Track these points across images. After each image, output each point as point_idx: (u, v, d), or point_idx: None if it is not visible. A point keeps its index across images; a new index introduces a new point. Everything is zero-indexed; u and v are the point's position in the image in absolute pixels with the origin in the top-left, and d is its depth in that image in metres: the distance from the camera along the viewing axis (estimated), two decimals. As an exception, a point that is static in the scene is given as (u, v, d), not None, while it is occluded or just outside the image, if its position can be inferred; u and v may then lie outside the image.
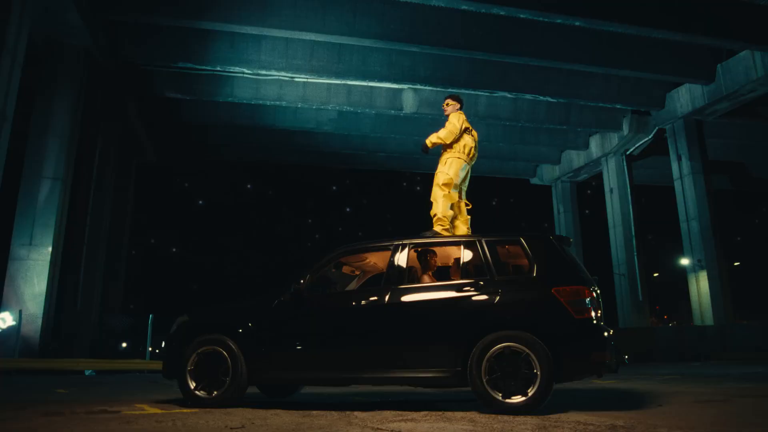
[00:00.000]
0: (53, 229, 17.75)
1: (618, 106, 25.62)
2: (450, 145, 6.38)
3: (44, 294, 17.19)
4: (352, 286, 6.29)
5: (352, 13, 19.43)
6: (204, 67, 21.84)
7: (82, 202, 21.85)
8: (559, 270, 5.00)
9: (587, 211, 36.17)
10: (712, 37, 20.80)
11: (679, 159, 25.24)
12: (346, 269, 6.16)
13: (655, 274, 39.70)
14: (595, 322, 4.83)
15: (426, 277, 5.52)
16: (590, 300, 4.84)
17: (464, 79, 22.36)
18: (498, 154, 31.13)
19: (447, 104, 6.66)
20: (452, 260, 5.77)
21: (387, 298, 5.07)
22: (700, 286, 23.68)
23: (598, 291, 5.07)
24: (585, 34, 20.98)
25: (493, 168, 33.20)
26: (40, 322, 17.00)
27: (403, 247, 5.32)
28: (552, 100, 24.54)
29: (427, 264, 5.61)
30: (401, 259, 5.25)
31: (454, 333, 4.87)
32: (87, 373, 14.96)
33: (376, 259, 6.00)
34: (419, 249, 5.55)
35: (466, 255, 5.26)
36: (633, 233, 27.49)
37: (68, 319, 19.94)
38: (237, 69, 21.71)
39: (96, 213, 21.95)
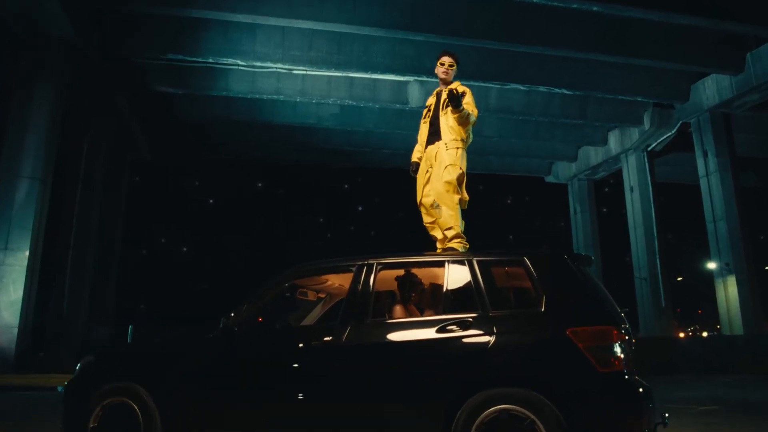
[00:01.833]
0: (31, 231, 16.60)
1: (639, 99, 24.04)
2: (464, 129, 4.66)
3: (20, 302, 16.05)
4: (315, 313, 4.90)
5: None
6: (196, 59, 20.67)
7: (68, 203, 20.75)
8: (577, 302, 3.58)
9: (604, 210, 34.43)
10: (741, 23, 19.39)
11: (705, 155, 23.58)
12: (309, 294, 4.80)
13: (679, 278, 37.91)
14: (626, 376, 3.41)
15: (400, 309, 4.12)
16: (620, 344, 3.42)
17: (473, 70, 20.92)
18: (510, 150, 29.59)
19: (450, 65, 4.76)
20: (434, 287, 4.35)
21: (344, 337, 3.70)
22: (729, 291, 22.04)
23: (629, 330, 3.65)
24: (603, 20, 19.57)
25: (505, 165, 31.65)
26: (16, 332, 15.86)
27: (369, 268, 3.88)
28: (568, 92, 23.03)
29: (403, 292, 4.22)
30: (366, 284, 3.84)
31: (432, 390, 3.49)
32: (60, 389, 13.74)
33: (341, 281, 4.64)
34: (394, 272, 4.20)
35: (451, 279, 3.82)
36: (655, 234, 25.85)
37: (52, 328, 18.83)
38: (231, 61, 20.54)
39: (83, 214, 20.80)
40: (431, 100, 4.81)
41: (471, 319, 3.53)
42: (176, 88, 22.40)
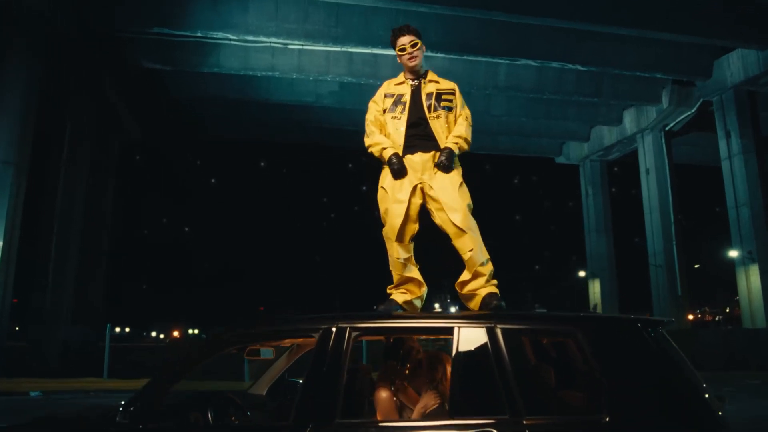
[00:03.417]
0: (5, 220, 15.43)
1: (657, 76, 22.49)
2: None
3: (-7, 296, 14.95)
4: (280, 365, 3.58)
5: (350, -33, 16.69)
6: (184, 34, 19.30)
7: (51, 190, 19.56)
8: (661, 406, 2.27)
9: (613, 189, 32.96)
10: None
11: (728, 136, 22.10)
12: (261, 352, 3.46)
13: (696, 266, 36.60)
14: None
15: (385, 403, 2.82)
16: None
17: (481, 44, 19.50)
18: (520, 130, 28.11)
19: (413, 44, 3.26)
20: (436, 368, 3.00)
21: None
22: (751, 281, 20.75)
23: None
24: (622, -10, 17.99)
25: (514, 145, 30.20)
26: (-12, 329, 14.81)
27: (339, 336, 2.45)
28: (582, 68, 21.53)
29: (389, 375, 2.94)
30: (334, 362, 2.47)
31: None
32: (33, 394, 12.68)
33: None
34: (388, 341, 2.90)
35: (463, 359, 2.45)
36: (672, 220, 24.47)
37: (32, 325, 17.75)
38: (221, 35, 19.15)
39: (66, 200, 19.58)
40: (400, 90, 3.27)
41: (494, 430, 2.25)
42: (165, 65, 21.04)
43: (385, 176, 3.17)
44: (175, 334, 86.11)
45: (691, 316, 37.72)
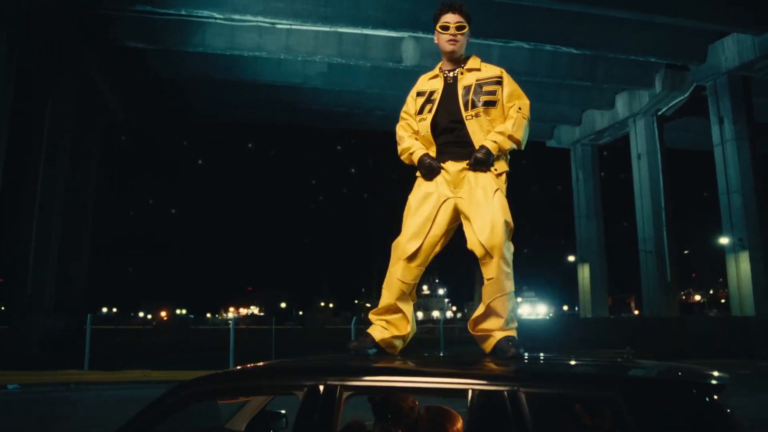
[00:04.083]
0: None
1: (651, 60, 22.18)
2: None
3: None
4: (243, 418, 3.05)
5: (340, -56, 16.11)
6: (168, 11, 18.70)
7: (31, 173, 18.99)
8: None
9: (603, 174, 32.80)
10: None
11: (721, 122, 21.87)
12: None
13: (686, 252, 36.67)
14: None
15: None
16: None
17: (474, 26, 18.79)
18: (511, 113, 27.73)
19: (459, 27, 2.72)
20: (437, 429, 2.42)
21: None
22: (741, 269, 20.68)
23: None
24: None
25: (505, 129, 29.83)
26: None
27: (328, 393, 1.96)
28: (576, 51, 21.16)
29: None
30: (322, 425, 1.92)
31: None
32: (11, 387, 12.31)
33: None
34: (374, 400, 2.47)
35: (476, 428, 1.98)
36: (662, 206, 24.32)
37: (13, 312, 17.31)
38: (206, 13, 18.58)
39: (48, 183, 19.03)
40: (433, 85, 2.74)
41: None
42: (148, 44, 20.38)
43: (415, 188, 2.66)
44: (163, 314, 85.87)
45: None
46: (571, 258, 32.79)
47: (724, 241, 21.67)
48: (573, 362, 2.40)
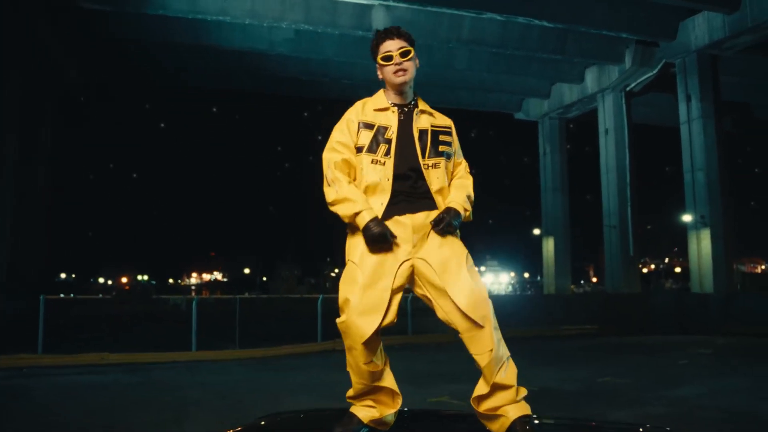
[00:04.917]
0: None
1: (623, 35, 22.00)
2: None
3: None
4: None
5: None
6: (125, -30, 17.60)
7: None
8: None
9: (569, 146, 32.98)
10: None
11: (689, 100, 21.97)
12: None
13: (648, 227, 37.35)
14: None
15: None
16: None
17: (447, -4, 18.52)
18: (480, 84, 27.45)
19: (403, 52, 2.28)
20: None
21: None
22: (702, 246, 21.07)
23: None
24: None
25: (475, 100, 29.58)
26: None
27: None
28: (549, 24, 20.83)
29: None
30: None
31: None
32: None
33: None
34: None
35: None
36: (628, 181, 24.55)
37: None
38: (166, -26, 17.55)
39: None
40: (384, 120, 2.28)
41: None
42: (104, 5, 19.30)
43: (356, 246, 2.17)
44: (124, 280, 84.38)
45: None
46: (537, 231, 33.10)
47: (687, 218, 22.00)
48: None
